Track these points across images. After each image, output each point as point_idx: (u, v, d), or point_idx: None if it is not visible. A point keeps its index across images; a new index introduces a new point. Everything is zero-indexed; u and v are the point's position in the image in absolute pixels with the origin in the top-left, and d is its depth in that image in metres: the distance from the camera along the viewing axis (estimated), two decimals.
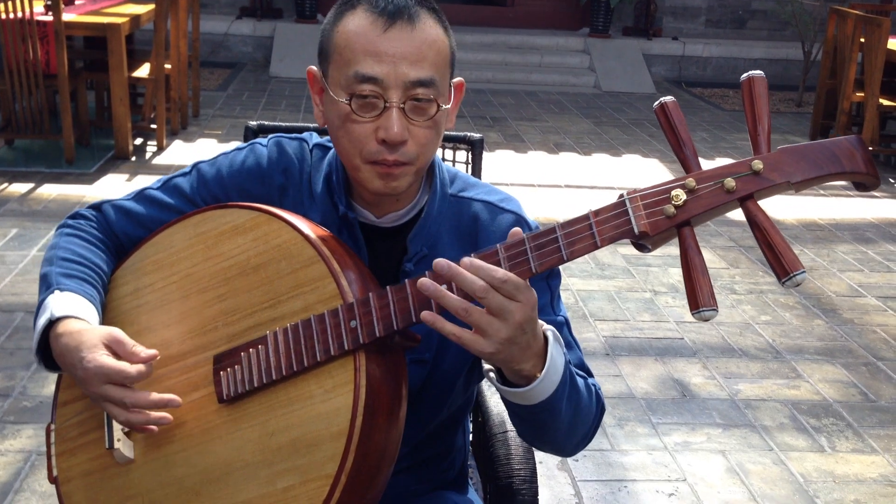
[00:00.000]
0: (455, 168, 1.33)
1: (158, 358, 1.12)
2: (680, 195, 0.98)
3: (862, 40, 5.88)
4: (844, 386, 3.13)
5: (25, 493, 2.33)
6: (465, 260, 0.99)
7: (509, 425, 1.49)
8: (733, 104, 7.84)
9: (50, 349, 1.15)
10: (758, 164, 0.97)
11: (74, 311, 1.14)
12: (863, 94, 5.98)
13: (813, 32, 7.61)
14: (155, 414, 1.11)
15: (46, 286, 1.18)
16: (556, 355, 1.07)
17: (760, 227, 0.96)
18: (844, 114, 6.10)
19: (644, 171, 5.62)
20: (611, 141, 6.30)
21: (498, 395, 1.58)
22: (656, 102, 1.02)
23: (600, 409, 1.22)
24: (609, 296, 3.75)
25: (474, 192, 1.27)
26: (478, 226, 1.24)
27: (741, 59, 8.74)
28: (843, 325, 3.60)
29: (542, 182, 5.25)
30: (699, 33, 9.05)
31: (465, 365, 1.27)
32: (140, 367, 1.09)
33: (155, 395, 1.10)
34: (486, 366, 1.08)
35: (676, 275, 3.97)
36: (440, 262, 0.98)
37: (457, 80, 1.19)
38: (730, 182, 0.97)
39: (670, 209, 0.97)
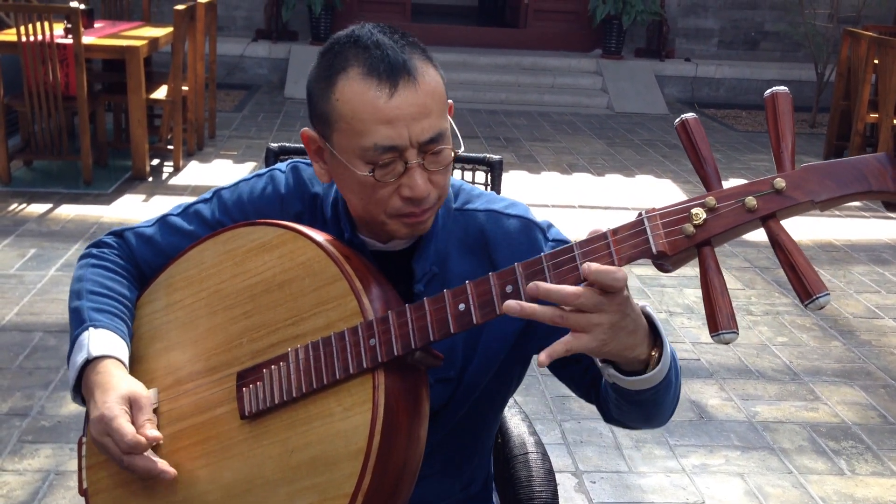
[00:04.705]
0: (460, 181, 1.34)
1: (161, 441, 1.15)
2: (700, 214, 0.95)
3: (876, 61, 5.89)
4: (863, 408, 3.11)
5: None
6: (532, 286, 0.96)
7: (530, 447, 1.49)
8: (746, 125, 7.85)
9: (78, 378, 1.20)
10: (780, 183, 0.94)
11: (110, 350, 1.19)
12: (877, 115, 5.98)
13: (826, 54, 7.61)
14: (144, 465, 1.12)
15: (80, 322, 1.22)
16: (662, 329, 1.06)
17: (783, 248, 0.93)
18: (859, 135, 6.10)
19: (658, 192, 5.62)
20: (624, 161, 6.31)
21: (518, 417, 1.58)
22: (678, 119, 1.00)
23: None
24: None
25: (478, 204, 1.27)
26: (486, 236, 1.24)
27: (754, 81, 8.75)
28: (861, 347, 3.58)
29: (555, 202, 5.26)
30: (712, 55, 9.07)
31: (487, 377, 1.27)
32: (140, 441, 1.10)
33: (147, 465, 1.12)
34: (601, 365, 1.06)
35: (692, 295, 3.96)
36: (511, 304, 0.96)
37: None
38: (751, 201, 0.94)
39: (689, 228, 0.95)
